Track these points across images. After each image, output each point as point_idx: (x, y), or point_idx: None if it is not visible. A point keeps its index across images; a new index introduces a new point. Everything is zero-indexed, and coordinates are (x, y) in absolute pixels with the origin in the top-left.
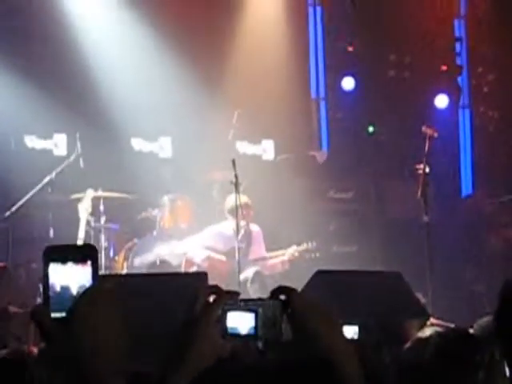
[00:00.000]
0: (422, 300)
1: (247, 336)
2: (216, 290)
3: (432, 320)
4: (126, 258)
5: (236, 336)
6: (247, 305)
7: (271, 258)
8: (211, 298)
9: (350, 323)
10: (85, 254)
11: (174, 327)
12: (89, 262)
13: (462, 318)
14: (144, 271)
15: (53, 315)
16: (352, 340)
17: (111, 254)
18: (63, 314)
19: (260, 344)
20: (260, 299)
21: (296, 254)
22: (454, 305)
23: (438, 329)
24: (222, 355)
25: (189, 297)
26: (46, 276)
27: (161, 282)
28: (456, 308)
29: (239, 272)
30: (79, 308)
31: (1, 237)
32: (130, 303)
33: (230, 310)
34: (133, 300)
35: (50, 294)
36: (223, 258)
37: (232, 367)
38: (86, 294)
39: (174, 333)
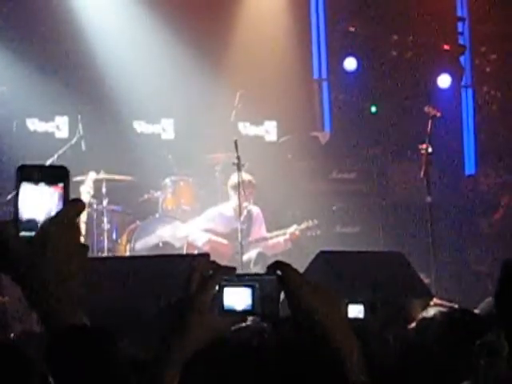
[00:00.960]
0: (426, 280)
1: (244, 312)
2: (212, 265)
3: (435, 300)
4: (128, 241)
5: (233, 312)
6: (244, 280)
7: (271, 238)
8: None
9: (355, 302)
10: (57, 176)
11: (171, 307)
12: (60, 185)
13: (466, 299)
14: (147, 253)
15: (22, 234)
16: (356, 319)
17: (114, 236)
18: (32, 234)
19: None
20: (257, 274)
21: (297, 233)
22: (457, 285)
23: (442, 309)
24: (219, 333)
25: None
26: (16, 194)
27: (162, 263)
28: (459, 288)
29: (242, 253)
30: (44, 228)
31: (4, 219)
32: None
33: (226, 285)
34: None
35: (20, 213)
36: (224, 240)
37: (229, 345)
38: (54, 216)
39: (169, 312)
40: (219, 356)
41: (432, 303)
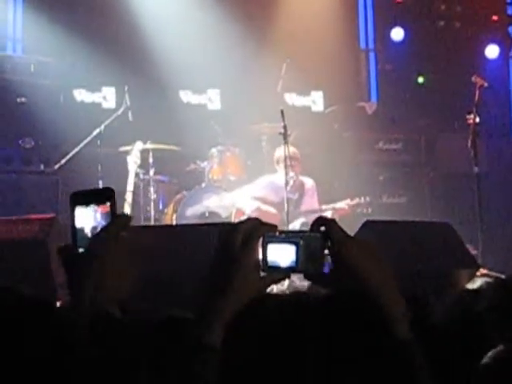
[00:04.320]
0: (473, 252)
1: (288, 268)
2: (254, 222)
3: (482, 271)
4: (175, 210)
5: (277, 268)
6: (288, 237)
7: (322, 210)
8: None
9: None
10: (105, 196)
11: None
12: (108, 204)
13: None
14: (193, 222)
15: (80, 251)
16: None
17: (160, 206)
18: None
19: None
20: (301, 231)
21: (347, 208)
22: (504, 257)
23: (489, 279)
24: (262, 289)
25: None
26: (72, 218)
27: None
28: (506, 260)
29: (288, 223)
30: (92, 243)
31: (51, 189)
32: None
33: (270, 242)
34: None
35: (77, 232)
36: (273, 209)
37: (271, 302)
38: (100, 232)
39: (212, 272)
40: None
41: (479, 274)
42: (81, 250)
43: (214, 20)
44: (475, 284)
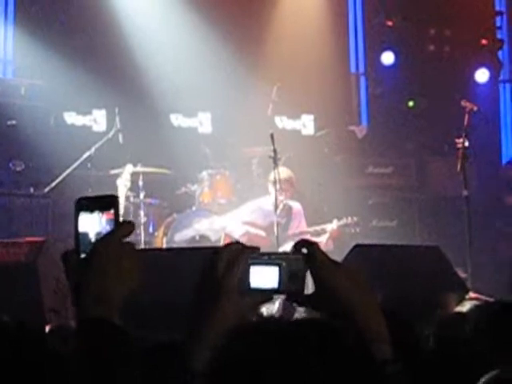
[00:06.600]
0: (462, 275)
1: (271, 290)
2: (236, 245)
3: (471, 294)
4: (165, 234)
5: (259, 291)
6: (271, 259)
7: (310, 233)
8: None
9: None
10: (109, 203)
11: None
12: (111, 211)
13: (503, 294)
14: (183, 246)
15: (82, 256)
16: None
17: (150, 229)
18: None
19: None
20: (283, 253)
21: (336, 229)
22: (494, 280)
23: (478, 303)
24: (247, 312)
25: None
26: (76, 224)
27: (198, 255)
28: (496, 283)
29: (278, 247)
30: (94, 249)
31: (41, 212)
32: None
33: (253, 264)
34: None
35: (80, 238)
36: (262, 233)
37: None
38: (103, 238)
39: (198, 296)
40: (245, 338)
41: (468, 297)
42: (83, 255)
43: (204, 44)
44: (464, 307)
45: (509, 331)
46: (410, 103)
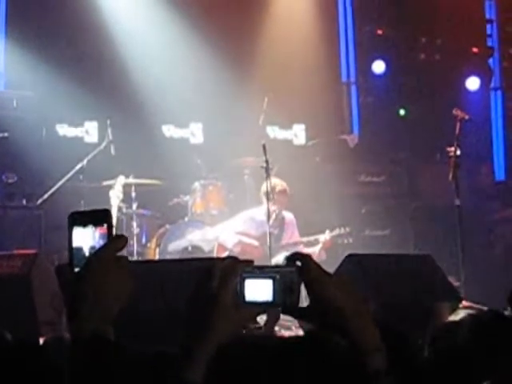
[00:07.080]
0: (455, 283)
1: (265, 303)
2: (230, 260)
3: (464, 303)
4: (158, 245)
5: (254, 304)
6: (265, 272)
7: (303, 243)
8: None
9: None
10: (102, 218)
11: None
12: (105, 225)
13: (496, 303)
14: (176, 257)
15: (76, 270)
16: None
17: (143, 240)
18: None
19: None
20: (277, 266)
21: (329, 240)
22: (487, 289)
23: (471, 311)
24: (241, 325)
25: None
26: (70, 238)
27: (191, 266)
28: (489, 292)
29: (271, 257)
30: (88, 263)
31: (33, 224)
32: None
33: (247, 277)
34: (156, 283)
35: (74, 252)
36: (255, 242)
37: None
38: (96, 252)
39: (192, 309)
40: (237, 352)
41: (461, 306)
42: (77, 269)
43: (196, 55)
44: (457, 316)
45: (502, 340)
46: (402, 112)
